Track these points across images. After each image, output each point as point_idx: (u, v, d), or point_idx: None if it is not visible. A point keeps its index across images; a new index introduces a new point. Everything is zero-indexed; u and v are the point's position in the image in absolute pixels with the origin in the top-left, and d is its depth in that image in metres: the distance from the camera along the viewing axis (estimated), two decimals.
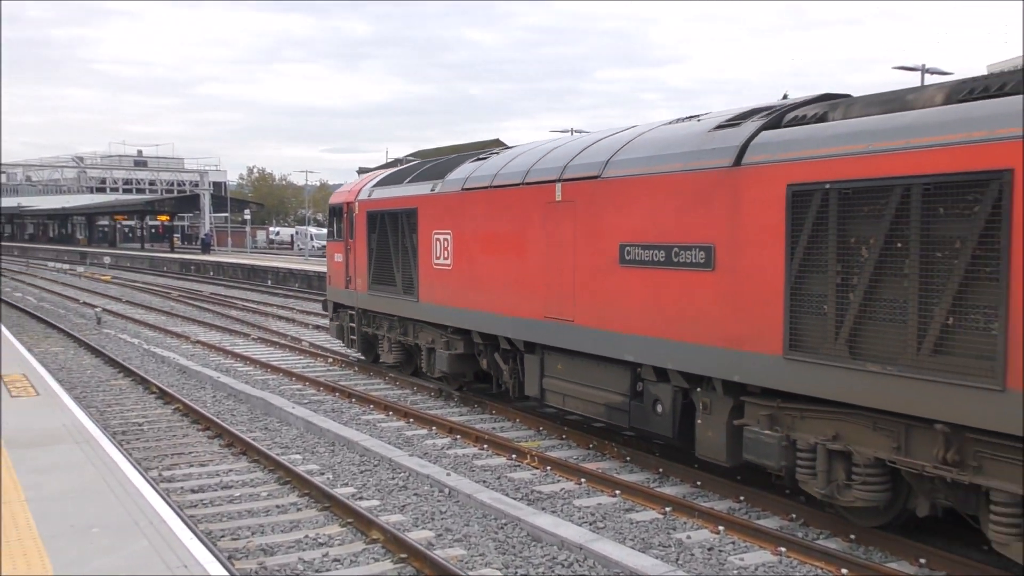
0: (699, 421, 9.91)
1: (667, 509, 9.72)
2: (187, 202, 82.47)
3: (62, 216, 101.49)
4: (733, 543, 8.80)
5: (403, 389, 16.95)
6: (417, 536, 8.83)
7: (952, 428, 7.26)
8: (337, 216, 19.06)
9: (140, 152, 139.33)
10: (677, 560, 8.35)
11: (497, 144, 22.43)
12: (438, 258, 14.78)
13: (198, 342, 23.50)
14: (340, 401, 15.90)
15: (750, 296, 8.88)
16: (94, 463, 9.36)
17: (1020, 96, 6.90)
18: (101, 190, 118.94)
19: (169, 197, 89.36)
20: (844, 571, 7.97)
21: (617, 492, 10.35)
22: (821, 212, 8.12)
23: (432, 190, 15.09)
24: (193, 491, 10.54)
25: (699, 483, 10.57)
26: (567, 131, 54.78)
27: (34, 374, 14.92)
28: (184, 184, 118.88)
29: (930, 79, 36.21)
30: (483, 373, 14.87)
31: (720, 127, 9.67)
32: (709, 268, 9.36)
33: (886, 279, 7.60)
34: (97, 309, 29.27)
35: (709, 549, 8.63)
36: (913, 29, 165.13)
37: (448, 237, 14.47)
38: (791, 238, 8.39)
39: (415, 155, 26.61)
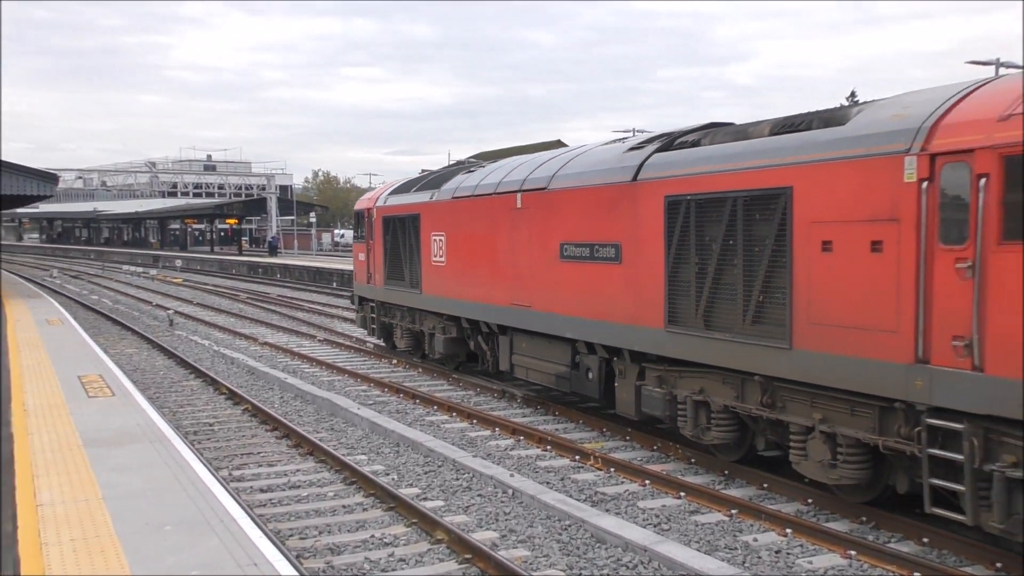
0: (617, 384, 12.36)
1: (733, 511, 9.61)
2: (255, 205, 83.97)
3: (135, 220, 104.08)
4: (801, 546, 8.66)
5: (466, 390, 17.03)
6: (481, 537, 8.87)
7: (765, 379, 9.65)
8: (360, 220, 21.62)
9: (209, 156, 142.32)
10: (744, 563, 8.26)
11: (559, 145, 22.67)
12: (435, 256, 17.33)
13: (266, 344, 23.91)
14: (404, 402, 16.04)
15: (644, 283, 11.28)
16: (167, 462, 9.59)
17: (802, 133, 9.26)
18: (172, 194, 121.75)
19: (237, 201, 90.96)
20: (917, 575, 7.80)
21: (682, 494, 10.27)
22: (685, 218, 10.49)
23: (431, 198, 17.63)
24: (262, 491, 10.73)
25: (766, 485, 10.43)
26: (629, 131, 54.44)
27: (110, 375, 15.33)
28: (252, 188, 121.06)
29: (1004, 73, 35.21)
30: (472, 353, 17.26)
31: (631, 149, 12.07)
32: (618, 262, 11.78)
33: (725, 268, 9.97)
34: (169, 311, 29.97)
35: (776, 552, 8.51)
36: (988, 23, 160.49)
37: (442, 238, 17.00)
38: (668, 238, 10.79)
39: (477, 157, 26.61)
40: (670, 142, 11.56)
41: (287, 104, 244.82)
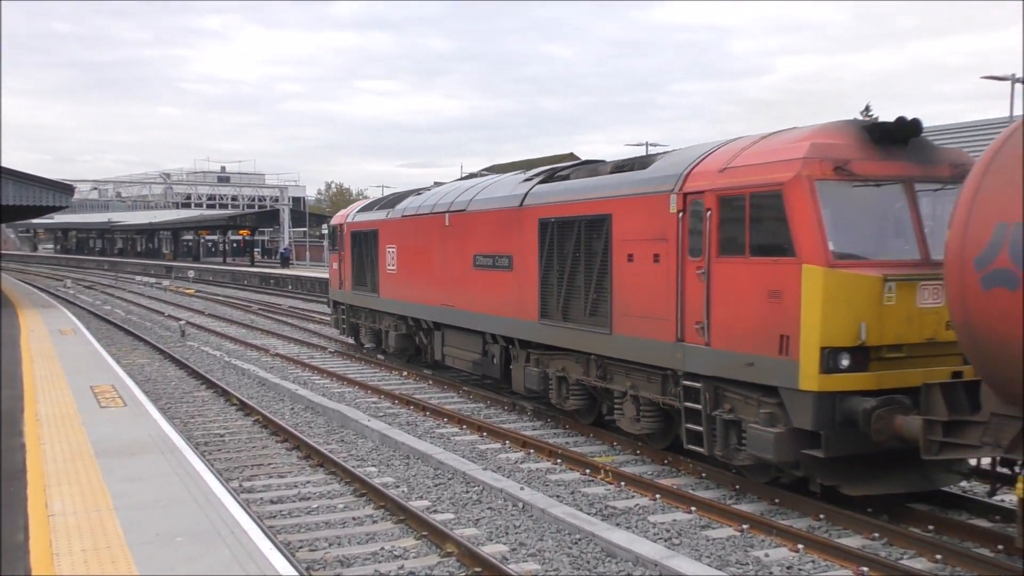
0: (512, 367, 15.52)
1: (744, 526, 9.57)
2: (267, 217, 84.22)
3: (149, 231, 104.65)
4: (813, 562, 8.62)
5: (476, 403, 17.03)
6: (491, 550, 8.85)
7: (599, 357, 12.82)
8: (334, 234, 25.00)
9: (223, 168, 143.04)
10: None
11: (571, 158, 22.86)
12: (389, 265, 20.63)
13: (277, 355, 23.97)
14: (415, 414, 16.04)
15: (526, 286, 14.42)
16: (178, 473, 9.62)
17: (623, 173, 12.36)
18: (186, 205, 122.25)
19: (250, 212, 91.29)
20: None
21: (693, 508, 10.23)
22: (551, 236, 13.64)
23: (386, 216, 20.88)
24: (272, 502, 10.75)
25: (777, 500, 10.39)
26: (642, 145, 54.50)
27: (122, 385, 15.40)
28: (265, 199, 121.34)
29: (1020, 88, 35.12)
30: (418, 348, 20.44)
31: (524, 181, 15.12)
32: (510, 269, 14.96)
33: (575, 274, 13.10)
34: (181, 322, 30.07)
35: (788, 568, 8.47)
36: (1003, 37, 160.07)
37: (395, 250, 20.29)
38: (540, 251, 13.95)
39: (489, 169, 26.99)
40: (551, 175, 14.66)
41: (303, 116, 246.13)
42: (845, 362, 9.04)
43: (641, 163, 12.46)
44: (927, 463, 9.12)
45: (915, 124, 9.66)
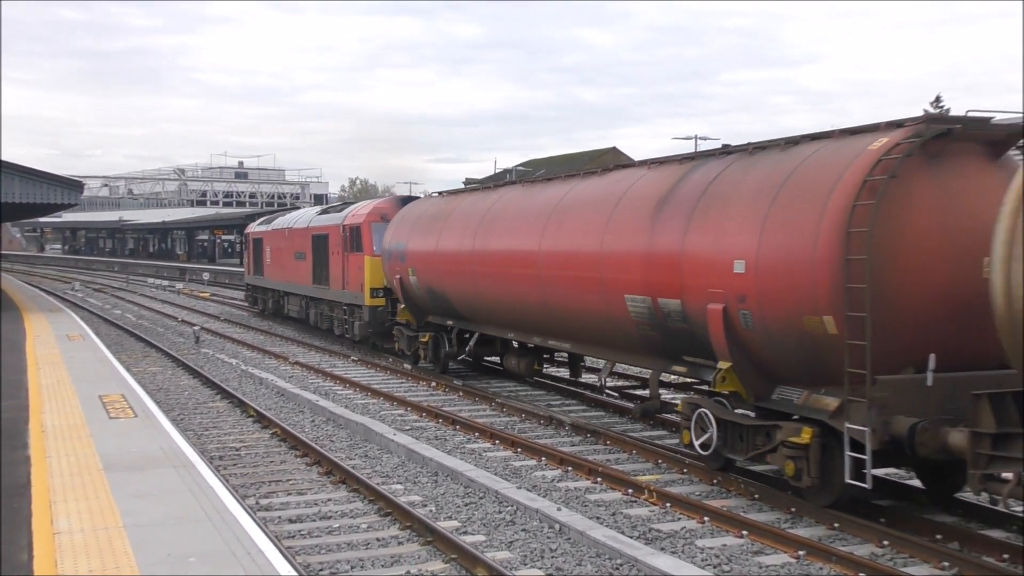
0: (309, 312, 31.65)
1: (801, 553, 9.47)
2: None
3: (162, 230, 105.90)
4: None
5: (510, 416, 17.04)
6: (525, 575, 8.83)
7: (328, 300, 29.60)
8: (245, 240, 43.06)
9: (241, 163, 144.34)
10: None
11: (614, 153, 23.17)
12: (268, 259, 36.70)
13: (296, 363, 24.16)
14: (444, 428, 16.08)
15: (309, 268, 30.34)
16: (191, 489, 9.70)
17: (330, 214, 30.13)
18: (202, 203, 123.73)
19: (269, 210, 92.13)
20: None
21: (744, 532, 10.15)
22: (315, 243, 29.91)
23: (266, 228, 37.54)
24: (291, 521, 10.81)
25: (836, 525, 10.28)
26: (691, 138, 54.29)
27: (132, 395, 15.58)
28: (285, 196, 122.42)
29: None
30: (280, 308, 35.94)
31: (322, 213, 31.50)
32: (305, 260, 30.91)
33: (321, 261, 29.22)
34: (195, 328, 30.41)
35: None
36: None
37: (270, 249, 36.32)
38: (313, 251, 30.13)
39: (525, 165, 27.62)
40: (327, 210, 31.20)
41: (324, 108, 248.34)
42: (380, 295, 24.42)
43: (337, 209, 30.15)
44: None
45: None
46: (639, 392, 18.33)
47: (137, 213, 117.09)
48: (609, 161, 36.80)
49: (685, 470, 12.81)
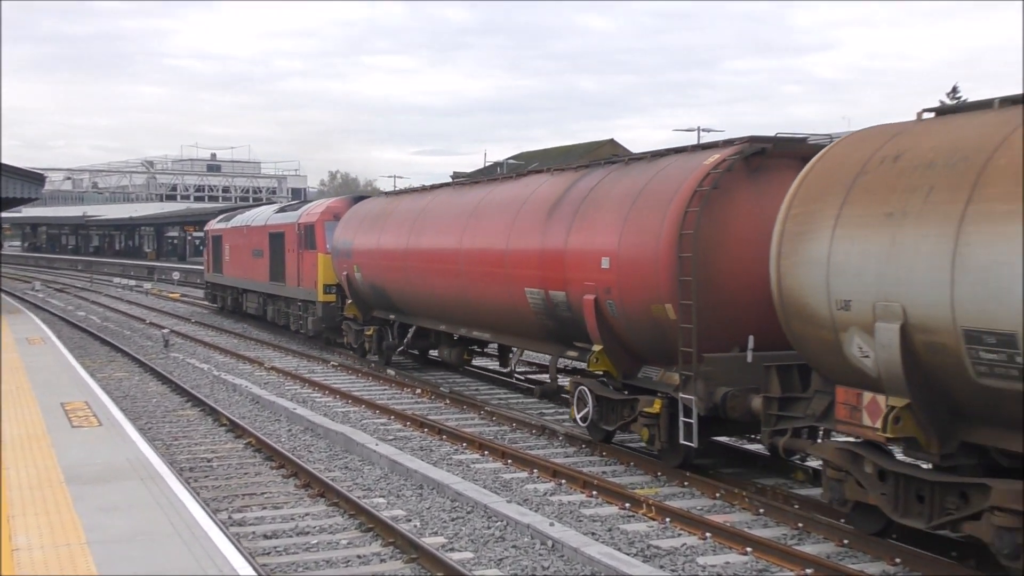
0: (267, 309, 33.77)
1: (808, 571, 9.50)
2: None
3: (129, 227, 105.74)
4: None
5: (500, 426, 17.06)
6: None
7: (284, 297, 32.93)
8: (205, 237, 45.31)
9: (214, 155, 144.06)
10: None
11: (613, 145, 23.56)
12: (227, 257, 38.66)
13: (273, 368, 24.13)
14: (429, 438, 16.09)
15: (265, 265, 33.05)
16: (160, 503, 9.69)
17: (286, 212, 32.85)
18: (172, 197, 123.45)
19: (243, 205, 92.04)
20: None
21: (748, 549, 10.18)
22: (272, 241, 32.32)
23: (225, 225, 39.63)
24: (266, 536, 10.80)
25: (846, 541, 10.32)
26: (694, 130, 54.37)
27: (97, 402, 15.55)
28: (260, 191, 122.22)
29: None
30: (239, 305, 37.55)
31: (279, 211, 33.82)
32: (263, 257, 33.02)
33: (278, 258, 31.54)
34: (164, 331, 30.36)
35: None
36: None
37: (229, 247, 38.38)
38: (269, 248, 32.43)
39: (517, 158, 27.82)
40: (284, 209, 33.66)
41: (303, 97, 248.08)
42: (332, 292, 26.48)
43: (293, 208, 32.43)
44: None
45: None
46: (542, 376, 20.87)
47: (102, 208, 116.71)
48: (607, 153, 37.06)
49: (686, 483, 12.84)
